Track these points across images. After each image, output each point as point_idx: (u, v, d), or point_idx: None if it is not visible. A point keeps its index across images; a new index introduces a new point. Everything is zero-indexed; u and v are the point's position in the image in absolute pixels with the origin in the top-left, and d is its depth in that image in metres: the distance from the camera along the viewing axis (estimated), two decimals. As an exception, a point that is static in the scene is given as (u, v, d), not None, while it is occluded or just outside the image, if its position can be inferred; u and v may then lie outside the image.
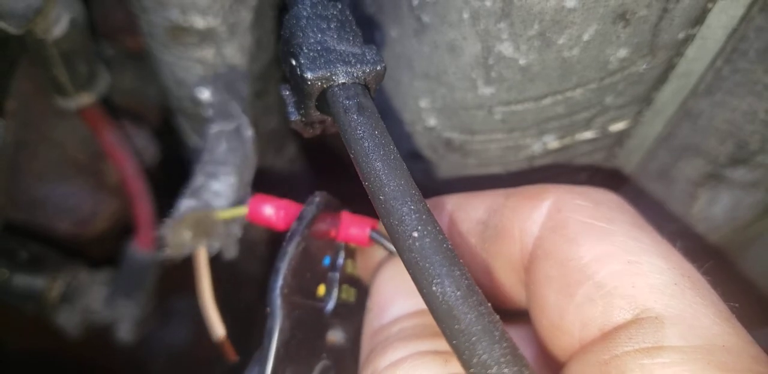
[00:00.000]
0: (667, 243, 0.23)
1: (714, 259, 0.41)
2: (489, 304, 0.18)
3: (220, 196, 0.30)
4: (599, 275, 0.21)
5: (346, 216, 0.29)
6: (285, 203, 0.29)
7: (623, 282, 0.21)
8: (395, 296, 0.26)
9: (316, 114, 0.25)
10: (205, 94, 0.34)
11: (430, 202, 0.28)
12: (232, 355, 0.29)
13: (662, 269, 0.21)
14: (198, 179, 0.31)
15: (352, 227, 0.29)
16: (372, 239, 0.28)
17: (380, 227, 0.29)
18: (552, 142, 0.32)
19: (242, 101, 0.34)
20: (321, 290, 0.27)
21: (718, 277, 0.22)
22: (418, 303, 0.24)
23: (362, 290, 0.30)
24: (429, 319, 0.24)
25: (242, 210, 0.30)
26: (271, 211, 0.29)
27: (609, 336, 0.20)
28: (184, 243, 0.30)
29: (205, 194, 0.30)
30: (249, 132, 0.33)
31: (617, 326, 0.20)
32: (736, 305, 0.21)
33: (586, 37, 0.26)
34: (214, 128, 0.33)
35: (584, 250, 0.22)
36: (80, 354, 0.53)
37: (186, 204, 0.30)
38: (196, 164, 0.32)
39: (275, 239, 0.33)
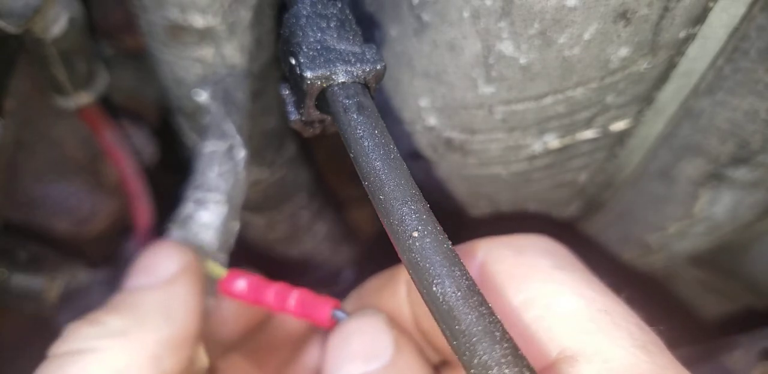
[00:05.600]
0: (590, 279, 0.24)
1: (714, 260, 0.41)
2: (490, 305, 0.18)
3: (209, 228, 0.31)
4: (522, 323, 0.22)
5: (305, 294, 0.29)
6: (257, 279, 0.30)
7: (543, 325, 0.22)
8: (343, 363, 0.26)
9: (315, 113, 0.25)
10: (202, 96, 0.34)
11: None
12: None
13: (579, 309, 0.22)
14: (187, 207, 0.31)
15: (314, 308, 0.28)
16: (335, 319, 0.28)
17: (343, 305, 0.29)
18: (552, 141, 0.32)
19: (239, 112, 0.34)
20: None
21: (716, 279, 0.22)
22: (363, 367, 0.25)
23: None
24: None
25: (221, 272, 0.30)
26: (243, 286, 0.30)
27: None
28: None
29: (194, 225, 0.31)
30: (242, 153, 0.33)
31: (541, 369, 0.21)
32: (661, 327, 0.22)
33: (586, 36, 0.25)
34: (208, 147, 0.33)
35: (507, 300, 0.23)
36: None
37: (175, 237, 0.31)
38: (187, 187, 0.32)
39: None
